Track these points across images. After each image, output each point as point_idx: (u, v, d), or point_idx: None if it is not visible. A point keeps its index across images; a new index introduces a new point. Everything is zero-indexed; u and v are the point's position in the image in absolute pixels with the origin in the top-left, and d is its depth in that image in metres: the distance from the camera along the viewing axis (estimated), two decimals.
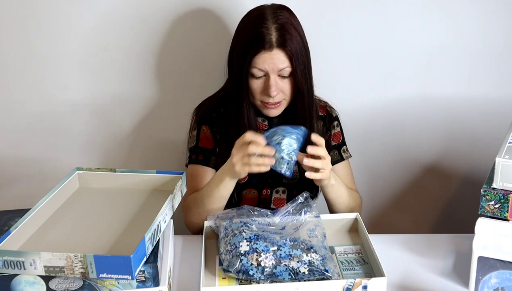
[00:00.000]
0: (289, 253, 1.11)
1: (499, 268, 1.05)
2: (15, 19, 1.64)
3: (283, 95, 1.36)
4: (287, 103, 1.40)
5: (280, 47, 1.30)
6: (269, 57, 1.30)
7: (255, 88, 1.35)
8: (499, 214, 1.07)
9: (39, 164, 1.79)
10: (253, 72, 1.33)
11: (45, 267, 0.94)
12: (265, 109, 1.39)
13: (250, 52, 1.31)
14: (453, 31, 1.70)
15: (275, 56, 1.30)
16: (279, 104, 1.37)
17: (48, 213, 1.15)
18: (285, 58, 1.31)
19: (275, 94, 1.33)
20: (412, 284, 1.14)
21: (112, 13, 1.65)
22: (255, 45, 1.30)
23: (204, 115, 1.46)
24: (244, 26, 1.37)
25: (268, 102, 1.36)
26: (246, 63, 1.31)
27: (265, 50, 1.30)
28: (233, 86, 1.38)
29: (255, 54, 1.30)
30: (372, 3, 1.66)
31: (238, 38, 1.38)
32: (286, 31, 1.31)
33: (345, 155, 1.53)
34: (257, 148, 1.19)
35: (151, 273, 1.01)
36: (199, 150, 1.45)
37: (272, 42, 1.30)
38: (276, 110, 1.39)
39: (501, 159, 1.05)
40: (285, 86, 1.35)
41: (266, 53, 1.30)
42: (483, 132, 1.79)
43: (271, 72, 1.32)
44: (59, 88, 1.72)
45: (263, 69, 1.32)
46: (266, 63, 1.31)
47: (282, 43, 1.30)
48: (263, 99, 1.36)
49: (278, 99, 1.36)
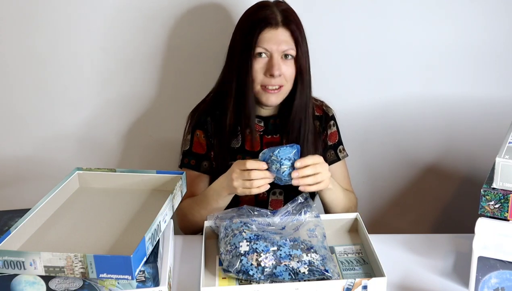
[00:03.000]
0: (289, 253, 1.11)
1: (499, 268, 1.05)
2: (15, 19, 1.64)
3: (284, 80, 1.37)
4: (286, 92, 1.39)
5: (285, 26, 1.34)
6: (274, 35, 1.34)
7: (257, 69, 1.36)
8: (499, 214, 1.07)
9: (39, 164, 1.79)
10: (258, 51, 1.34)
11: (45, 267, 0.94)
12: (265, 96, 1.38)
13: (256, 30, 1.34)
14: (453, 31, 1.70)
15: (280, 34, 1.34)
16: (279, 91, 1.37)
17: (48, 213, 1.15)
18: (290, 38, 1.35)
19: (277, 73, 1.34)
20: (412, 284, 1.14)
21: (113, 13, 1.65)
22: (261, 23, 1.34)
23: (199, 119, 1.46)
24: (249, 12, 1.40)
25: (268, 86, 1.36)
26: (252, 42, 1.34)
27: (271, 27, 1.33)
28: (235, 72, 1.38)
29: (261, 32, 1.33)
30: (372, 3, 1.66)
31: (242, 23, 1.40)
32: (290, 14, 1.37)
33: (341, 154, 1.53)
34: (259, 174, 1.21)
35: (151, 273, 1.01)
36: (191, 155, 1.46)
37: (278, 21, 1.34)
38: (275, 97, 1.38)
39: (501, 159, 1.05)
40: (287, 70, 1.36)
41: (272, 30, 1.34)
42: (483, 133, 1.79)
43: (275, 52, 1.34)
44: (59, 88, 1.72)
45: (268, 48, 1.34)
46: (271, 41, 1.33)
47: (287, 23, 1.35)
48: (265, 82, 1.36)
49: (279, 83, 1.36)
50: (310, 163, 1.21)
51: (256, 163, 1.21)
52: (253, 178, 1.20)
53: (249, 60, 1.34)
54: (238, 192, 1.25)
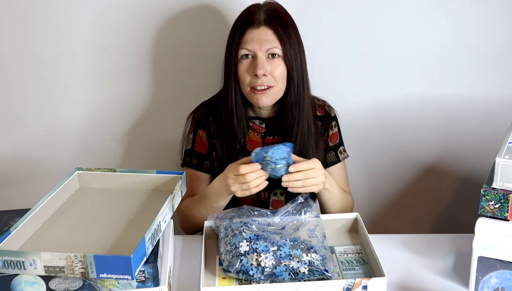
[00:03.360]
0: (289, 253, 1.11)
1: (499, 268, 1.05)
2: (15, 19, 1.64)
3: (272, 80, 1.35)
4: (277, 92, 1.37)
5: (267, 24, 1.33)
6: (256, 35, 1.32)
7: (243, 70, 1.35)
8: (499, 214, 1.07)
9: (39, 164, 1.79)
10: (241, 53, 1.34)
11: (45, 267, 0.94)
12: (255, 97, 1.36)
13: (238, 31, 1.34)
14: (453, 31, 1.70)
15: (262, 34, 1.33)
16: (268, 91, 1.35)
17: (48, 213, 1.15)
18: (273, 36, 1.33)
19: (262, 72, 1.32)
20: (412, 284, 1.14)
21: (113, 14, 1.65)
22: (243, 24, 1.34)
23: (201, 119, 1.46)
24: (237, 17, 1.40)
25: (257, 87, 1.34)
26: (234, 43, 1.34)
27: (252, 27, 1.33)
28: (224, 74, 1.39)
29: (243, 33, 1.33)
30: (372, 3, 1.66)
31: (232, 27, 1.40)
32: (274, 13, 1.35)
33: (341, 155, 1.52)
34: (254, 175, 1.21)
35: (151, 273, 1.01)
36: (194, 154, 1.46)
37: (260, 20, 1.33)
38: (266, 98, 1.36)
39: (501, 159, 1.05)
40: (274, 70, 1.34)
41: (254, 30, 1.33)
42: (483, 133, 1.79)
43: (258, 51, 1.33)
44: (59, 88, 1.72)
45: (251, 49, 1.33)
46: (253, 41, 1.32)
47: (270, 21, 1.33)
48: (252, 83, 1.35)
49: (266, 83, 1.34)
50: (304, 168, 1.22)
51: (249, 166, 1.21)
52: (248, 180, 1.21)
53: (234, 62, 1.34)
54: (238, 195, 1.25)
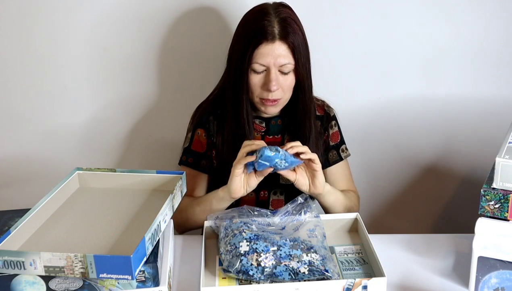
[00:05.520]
0: (289, 253, 1.11)
1: (499, 268, 1.05)
2: (15, 19, 1.64)
3: (282, 93, 1.35)
4: (284, 102, 1.39)
5: (282, 39, 1.29)
6: (271, 49, 1.29)
7: (255, 83, 1.33)
8: (499, 214, 1.07)
9: (39, 164, 1.79)
10: (254, 68, 1.31)
11: (45, 267, 0.94)
12: (263, 107, 1.37)
13: (251, 45, 1.29)
14: (453, 31, 1.70)
15: (277, 49, 1.29)
16: (277, 102, 1.36)
17: (48, 213, 1.15)
18: (287, 52, 1.30)
19: (275, 88, 1.32)
20: (412, 284, 1.14)
21: (113, 14, 1.65)
22: (257, 37, 1.29)
23: (201, 118, 1.46)
24: (246, 20, 1.36)
25: (266, 99, 1.35)
26: (247, 56, 1.30)
27: (267, 42, 1.28)
28: (231, 82, 1.37)
29: (257, 46, 1.29)
30: (372, 3, 1.66)
31: (239, 32, 1.37)
32: (288, 25, 1.30)
33: (344, 154, 1.52)
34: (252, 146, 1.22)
35: (151, 273, 1.01)
36: (190, 153, 1.46)
37: (274, 34, 1.29)
38: (274, 108, 1.38)
39: (501, 159, 1.05)
40: (285, 83, 1.34)
41: (268, 45, 1.29)
42: (483, 133, 1.79)
43: (272, 66, 1.30)
44: (59, 88, 1.72)
45: (264, 64, 1.30)
46: (268, 56, 1.29)
47: (285, 36, 1.29)
48: (262, 95, 1.35)
49: (276, 96, 1.34)
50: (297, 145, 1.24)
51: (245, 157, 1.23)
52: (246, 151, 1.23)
53: (246, 74, 1.32)
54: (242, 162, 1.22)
